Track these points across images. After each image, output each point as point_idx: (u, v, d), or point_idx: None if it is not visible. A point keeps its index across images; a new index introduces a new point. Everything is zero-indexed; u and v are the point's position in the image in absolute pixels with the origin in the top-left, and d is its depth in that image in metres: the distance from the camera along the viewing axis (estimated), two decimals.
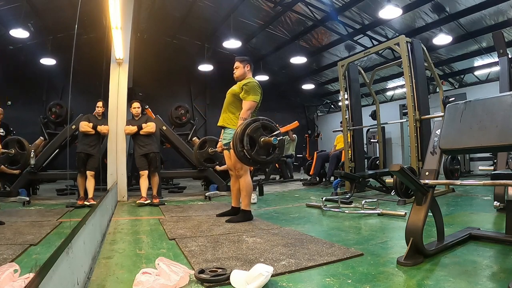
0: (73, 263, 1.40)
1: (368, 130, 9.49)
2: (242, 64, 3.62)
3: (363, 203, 3.61)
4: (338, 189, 5.18)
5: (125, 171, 5.32)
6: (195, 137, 6.54)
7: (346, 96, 5.66)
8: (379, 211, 3.39)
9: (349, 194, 4.70)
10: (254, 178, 7.74)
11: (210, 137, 5.64)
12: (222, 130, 3.60)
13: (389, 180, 2.43)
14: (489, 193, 4.20)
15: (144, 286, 1.53)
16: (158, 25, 9.88)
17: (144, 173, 4.84)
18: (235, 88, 3.58)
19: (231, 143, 2.89)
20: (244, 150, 2.54)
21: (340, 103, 11.42)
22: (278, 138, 2.62)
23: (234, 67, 3.65)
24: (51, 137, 5.72)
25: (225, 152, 3.54)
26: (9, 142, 4.56)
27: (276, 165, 8.62)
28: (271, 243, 2.36)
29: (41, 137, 5.84)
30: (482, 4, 6.63)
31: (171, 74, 11.49)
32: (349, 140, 5.59)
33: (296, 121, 8.77)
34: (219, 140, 3.72)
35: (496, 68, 8.00)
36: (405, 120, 5.08)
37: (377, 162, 7.09)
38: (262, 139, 2.60)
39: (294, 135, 8.76)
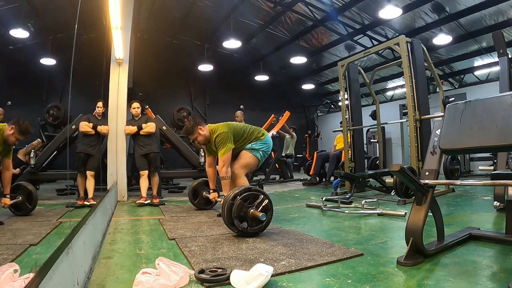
0: (73, 263, 1.40)
1: (368, 130, 9.49)
2: (197, 131, 3.45)
3: (363, 203, 3.61)
4: (338, 189, 5.18)
5: (125, 171, 5.32)
6: None
7: (346, 96, 5.66)
8: (379, 211, 3.39)
9: (349, 194, 4.70)
10: (254, 178, 7.74)
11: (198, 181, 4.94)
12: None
13: (389, 180, 2.43)
14: (489, 193, 4.20)
15: (144, 286, 1.53)
16: (158, 25, 9.88)
17: (144, 173, 4.84)
18: (213, 147, 3.51)
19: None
20: (239, 230, 2.54)
21: (340, 103, 11.42)
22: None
23: (193, 138, 3.51)
24: (49, 139, 5.71)
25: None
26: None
27: (276, 165, 8.62)
28: (271, 243, 2.36)
29: (38, 139, 5.83)
30: (482, 4, 6.63)
31: (171, 74, 11.49)
32: (349, 140, 5.59)
33: (287, 111, 8.52)
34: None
35: (496, 68, 8.00)
36: (405, 120, 5.08)
37: (377, 162, 7.09)
38: (251, 213, 2.55)
39: (293, 133, 8.72)
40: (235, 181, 3.36)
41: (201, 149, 5.68)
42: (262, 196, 2.64)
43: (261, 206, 2.60)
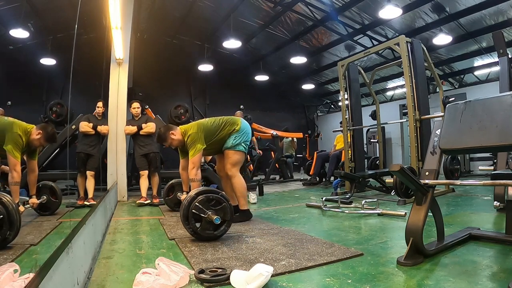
0: (73, 263, 1.39)
1: (368, 130, 9.49)
2: (169, 136, 3.34)
3: (363, 203, 3.61)
4: (338, 189, 5.18)
5: (125, 171, 5.32)
6: None
7: (346, 96, 5.66)
8: (379, 211, 3.39)
9: (349, 194, 4.70)
10: (254, 178, 7.74)
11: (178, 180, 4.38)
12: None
13: (389, 180, 2.42)
14: (489, 193, 4.20)
15: (144, 286, 1.53)
16: (158, 25, 9.88)
17: (144, 173, 4.84)
18: (187, 149, 3.36)
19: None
20: (191, 228, 2.47)
21: (340, 103, 11.42)
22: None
23: (169, 144, 3.42)
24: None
25: (217, 155, 3.56)
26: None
27: (276, 165, 8.62)
28: (271, 243, 2.36)
29: None
30: (482, 4, 6.63)
31: (171, 74, 11.49)
32: (349, 140, 5.59)
33: (301, 133, 8.69)
34: None
35: (496, 68, 8.00)
36: (405, 120, 5.08)
37: (377, 162, 7.09)
38: (207, 216, 2.46)
39: (295, 143, 8.82)
40: (231, 181, 3.34)
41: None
42: (225, 203, 2.55)
43: (222, 213, 2.51)
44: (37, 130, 3.31)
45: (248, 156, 7.21)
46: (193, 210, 2.48)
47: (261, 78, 12.09)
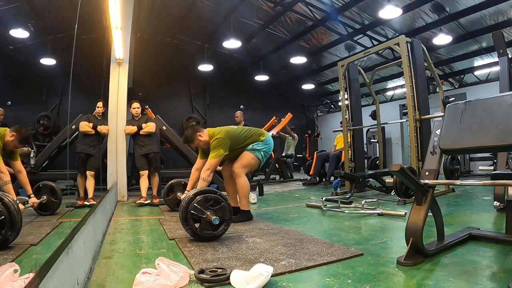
0: (73, 263, 1.40)
1: (368, 130, 9.49)
2: (197, 138, 3.34)
3: (363, 203, 3.61)
4: (338, 189, 5.18)
5: (125, 171, 5.32)
6: None
7: (346, 96, 5.66)
8: (379, 211, 3.39)
9: (349, 194, 4.70)
10: (254, 178, 7.74)
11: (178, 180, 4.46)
12: None
13: (389, 180, 2.42)
14: (489, 193, 4.20)
15: (144, 286, 1.53)
16: (158, 25, 9.88)
17: (144, 173, 4.84)
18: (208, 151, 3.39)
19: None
20: (190, 229, 2.47)
21: (340, 103, 11.42)
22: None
23: (195, 145, 3.43)
24: (39, 148, 5.68)
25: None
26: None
27: (276, 165, 8.61)
28: (271, 243, 2.36)
29: (28, 148, 5.80)
30: (482, 4, 6.63)
31: (171, 74, 11.49)
32: (349, 140, 5.59)
33: (289, 113, 8.53)
34: None
35: (496, 68, 8.00)
36: (405, 120, 5.08)
37: (377, 162, 7.09)
38: (206, 216, 2.46)
39: (295, 134, 8.72)
40: (235, 180, 3.34)
41: None
42: (224, 202, 2.55)
43: (221, 212, 2.51)
44: (11, 133, 3.30)
45: None
46: (192, 211, 2.48)
47: (261, 78, 12.09)
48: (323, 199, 4.12)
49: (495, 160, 3.73)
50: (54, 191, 3.87)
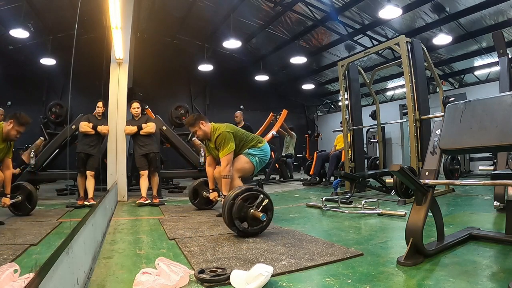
0: (73, 263, 1.40)
1: (368, 130, 9.49)
2: (198, 124, 3.47)
3: (363, 203, 3.61)
4: (338, 189, 5.18)
5: (125, 171, 5.32)
6: (195, 137, 6.54)
7: (346, 96, 5.66)
8: (379, 211, 3.39)
9: (349, 194, 4.70)
10: (254, 178, 7.73)
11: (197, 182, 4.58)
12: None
13: (389, 180, 2.42)
14: (489, 193, 4.20)
15: (144, 286, 1.53)
16: (158, 25, 9.88)
17: (144, 173, 4.84)
18: (211, 145, 3.54)
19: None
20: (239, 230, 2.55)
21: (340, 103, 11.42)
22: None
23: (194, 130, 3.54)
24: (51, 137, 5.72)
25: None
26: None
27: (276, 165, 8.61)
28: (271, 243, 2.36)
29: (41, 137, 5.83)
30: (482, 4, 6.63)
31: (171, 74, 11.49)
32: (349, 140, 5.59)
33: (284, 109, 8.50)
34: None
35: (496, 68, 8.00)
36: (405, 120, 5.08)
37: (377, 162, 7.09)
38: (251, 213, 2.57)
39: (293, 132, 8.71)
40: (232, 183, 3.34)
41: (201, 149, 5.68)
42: (262, 196, 2.64)
43: (262, 206, 2.61)
44: (8, 122, 3.30)
45: None
46: (236, 217, 2.55)
47: (261, 78, 12.09)
48: (323, 199, 4.12)
49: (495, 160, 3.73)
50: (31, 194, 3.85)
